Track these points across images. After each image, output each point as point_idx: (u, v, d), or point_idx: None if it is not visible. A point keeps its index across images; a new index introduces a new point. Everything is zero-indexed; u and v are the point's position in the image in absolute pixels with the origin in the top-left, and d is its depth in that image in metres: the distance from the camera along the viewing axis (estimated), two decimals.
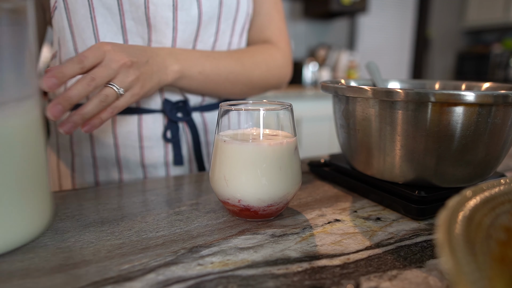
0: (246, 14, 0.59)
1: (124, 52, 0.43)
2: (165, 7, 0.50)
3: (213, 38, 0.57)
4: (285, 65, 0.63)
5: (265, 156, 0.36)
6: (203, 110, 0.62)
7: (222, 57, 0.55)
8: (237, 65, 0.56)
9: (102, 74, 0.41)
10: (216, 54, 0.55)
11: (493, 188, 0.23)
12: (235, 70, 0.56)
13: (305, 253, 0.32)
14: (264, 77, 0.60)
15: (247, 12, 0.59)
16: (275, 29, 0.62)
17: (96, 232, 0.36)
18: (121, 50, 0.43)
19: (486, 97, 0.34)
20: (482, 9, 3.67)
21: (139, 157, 0.58)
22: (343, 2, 2.32)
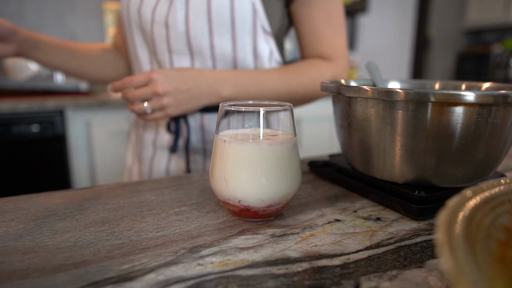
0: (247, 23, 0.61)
1: (166, 81, 0.55)
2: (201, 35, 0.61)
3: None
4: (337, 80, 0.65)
5: (265, 156, 0.36)
6: (203, 111, 0.66)
7: (270, 80, 0.60)
8: (282, 88, 0.61)
9: (135, 94, 0.56)
10: (264, 78, 0.60)
11: (493, 188, 0.23)
12: (280, 92, 0.61)
13: (305, 253, 0.32)
14: (310, 95, 0.65)
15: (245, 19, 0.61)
16: (327, 46, 0.65)
17: (96, 232, 0.36)
18: (164, 80, 0.55)
19: (486, 97, 0.34)
20: (482, 9, 3.67)
21: (153, 138, 0.73)
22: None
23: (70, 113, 1.50)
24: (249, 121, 0.37)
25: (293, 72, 0.63)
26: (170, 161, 0.71)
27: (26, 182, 1.47)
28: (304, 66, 0.64)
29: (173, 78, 0.55)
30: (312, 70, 0.64)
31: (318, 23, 0.64)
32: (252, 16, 0.60)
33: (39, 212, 0.40)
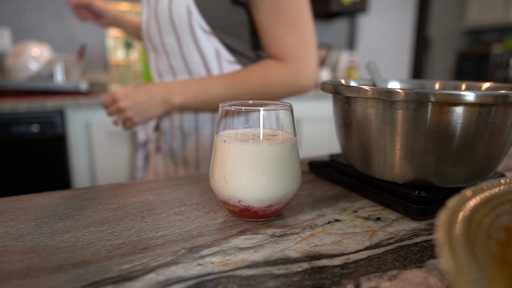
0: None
1: (125, 98, 0.65)
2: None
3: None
4: (290, 80, 0.65)
5: (265, 156, 0.36)
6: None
7: (217, 87, 0.65)
8: (229, 93, 0.65)
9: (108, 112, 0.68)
10: (212, 85, 0.65)
11: (493, 188, 0.23)
12: (226, 97, 0.65)
13: (305, 253, 0.32)
14: (261, 97, 0.66)
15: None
16: (278, 45, 0.64)
17: (96, 232, 0.36)
18: (123, 97, 0.65)
19: (486, 97, 0.34)
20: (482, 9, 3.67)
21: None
22: (343, 2, 2.32)
23: (70, 113, 1.50)
24: (249, 121, 0.37)
25: (240, 77, 0.65)
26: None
27: (26, 182, 1.47)
28: (253, 69, 0.66)
29: (131, 94, 0.66)
30: (260, 73, 0.65)
31: (266, 22, 0.64)
32: (187, 17, 0.65)
33: (39, 212, 0.40)
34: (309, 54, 0.65)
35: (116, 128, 1.60)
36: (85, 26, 1.96)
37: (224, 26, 0.67)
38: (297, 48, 0.64)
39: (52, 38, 1.90)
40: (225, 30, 0.68)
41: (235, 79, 0.65)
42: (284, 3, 0.62)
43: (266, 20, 0.64)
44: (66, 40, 1.93)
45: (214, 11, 0.65)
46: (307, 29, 0.65)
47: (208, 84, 0.65)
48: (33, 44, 1.62)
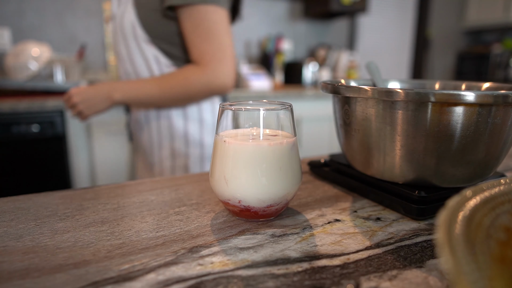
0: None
1: (77, 95, 0.80)
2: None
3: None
4: (205, 81, 0.77)
5: (265, 156, 0.36)
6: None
7: (148, 86, 0.79)
8: (155, 92, 0.78)
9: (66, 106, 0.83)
10: (144, 85, 0.79)
11: (493, 188, 0.23)
12: (154, 95, 0.79)
13: (305, 253, 0.32)
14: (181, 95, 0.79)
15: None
16: (196, 52, 0.77)
17: (96, 232, 0.36)
18: (76, 94, 0.81)
19: (486, 97, 0.34)
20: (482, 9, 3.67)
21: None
22: (343, 2, 2.32)
23: (70, 113, 1.50)
24: (249, 121, 0.37)
25: (166, 79, 0.79)
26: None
27: (26, 182, 1.47)
28: (176, 73, 0.79)
29: (82, 91, 0.81)
30: (180, 76, 0.78)
31: (188, 32, 0.76)
32: (132, 30, 0.80)
33: (39, 212, 0.40)
34: (223, 60, 0.77)
35: (116, 128, 1.61)
36: (85, 26, 1.96)
37: (160, 36, 0.81)
38: (211, 54, 0.76)
39: (52, 38, 1.90)
40: (162, 39, 0.81)
41: (162, 80, 0.79)
42: (201, 18, 0.75)
43: (187, 31, 0.76)
44: (66, 40, 1.93)
45: (151, 24, 0.79)
46: (221, 39, 0.77)
47: (142, 84, 0.80)
48: (33, 44, 1.62)
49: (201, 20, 0.75)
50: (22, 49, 1.59)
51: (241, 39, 2.42)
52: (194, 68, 0.78)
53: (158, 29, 0.80)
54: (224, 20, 0.77)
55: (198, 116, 0.87)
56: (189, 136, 0.87)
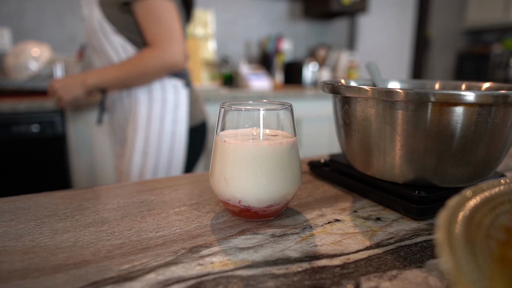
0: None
1: (58, 83, 0.98)
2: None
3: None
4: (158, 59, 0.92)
5: (265, 156, 0.36)
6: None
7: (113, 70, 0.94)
8: (120, 73, 0.94)
9: (49, 93, 1.00)
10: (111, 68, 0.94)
11: (493, 188, 0.23)
12: (119, 77, 0.94)
13: (305, 253, 0.32)
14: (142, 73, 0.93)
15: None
16: (149, 36, 0.92)
17: (96, 232, 0.36)
18: (56, 81, 0.99)
19: (486, 97, 0.34)
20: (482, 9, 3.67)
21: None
22: (343, 2, 2.32)
23: (70, 113, 1.50)
24: (249, 121, 0.37)
25: (127, 62, 0.93)
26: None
27: (26, 182, 1.47)
28: (135, 55, 0.93)
29: (61, 79, 0.99)
30: (138, 57, 0.93)
31: (141, 20, 0.91)
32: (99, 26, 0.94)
33: (39, 212, 0.40)
34: (172, 39, 0.91)
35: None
36: None
37: (123, 26, 0.94)
38: (161, 36, 0.91)
39: (52, 38, 1.90)
40: (125, 29, 0.95)
41: (124, 63, 0.93)
42: (151, 8, 0.90)
43: (141, 20, 0.91)
44: (66, 40, 1.93)
45: (114, 17, 0.93)
46: (169, 23, 0.91)
47: (109, 69, 0.95)
48: (33, 44, 1.62)
49: (151, 9, 0.90)
50: (22, 49, 1.59)
51: (241, 39, 2.42)
52: (148, 49, 0.92)
53: (120, 21, 0.94)
54: (172, 9, 0.92)
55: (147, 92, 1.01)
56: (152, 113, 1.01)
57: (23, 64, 1.57)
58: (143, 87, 0.99)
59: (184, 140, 1.03)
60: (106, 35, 0.94)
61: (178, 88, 1.02)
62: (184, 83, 1.04)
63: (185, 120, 1.03)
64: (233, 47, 2.40)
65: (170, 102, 1.00)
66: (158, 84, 0.99)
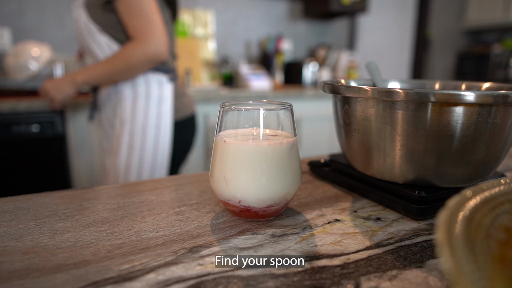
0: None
1: (49, 84, 1.02)
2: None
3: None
4: (141, 51, 0.95)
5: (265, 156, 0.36)
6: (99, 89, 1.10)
7: (100, 66, 0.97)
8: (106, 69, 0.97)
9: (41, 95, 1.04)
10: (98, 65, 0.98)
11: (493, 188, 0.23)
12: (106, 72, 0.97)
13: (305, 253, 0.32)
14: (126, 67, 0.96)
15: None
16: (131, 30, 0.95)
17: (96, 232, 0.36)
18: (48, 82, 1.03)
19: (486, 97, 0.34)
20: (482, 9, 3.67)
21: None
22: (343, 2, 2.32)
23: (70, 113, 1.50)
24: (249, 121, 0.37)
25: (113, 57, 0.96)
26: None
27: (26, 182, 1.47)
28: (120, 50, 0.96)
29: (51, 80, 1.03)
30: (122, 51, 0.96)
31: (123, 16, 0.95)
32: (85, 27, 0.98)
33: (39, 212, 0.40)
34: (153, 32, 0.95)
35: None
36: None
37: (107, 25, 0.98)
38: (142, 29, 0.94)
39: (52, 38, 1.90)
40: (109, 28, 0.98)
41: (109, 59, 0.97)
42: (132, 4, 0.93)
43: (122, 16, 0.95)
44: (66, 40, 1.93)
45: (97, 17, 0.98)
46: (150, 17, 0.94)
47: (97, 66, 0.98)
48: (33, 44, 1.62)
49: (131, 5, 0.94)
50: (22, 49, 1.59)
51: (241, 39, 2.42)
52: (131, 43, 0.96)
53: (104, 20, 0.98)
54: (152, 4, 0.95)
55: (131, 87, 1.05)
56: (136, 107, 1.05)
57: (23, 64, 1.57)
58: (127, 83, 1.02)
59: (169, 134, 1.05)
60: (92, 35, 0.99)
61: (162, 83, 1.05)
62: (168, 77, 1.07)
63: (169, 114, 1.04)
64: (233, 47, 2.40)
65: (154, 96, 1.03)
66: (142, 79, 1.02)
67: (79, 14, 1.00)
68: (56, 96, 1.01)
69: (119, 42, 1.00)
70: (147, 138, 1.03)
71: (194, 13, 2.16)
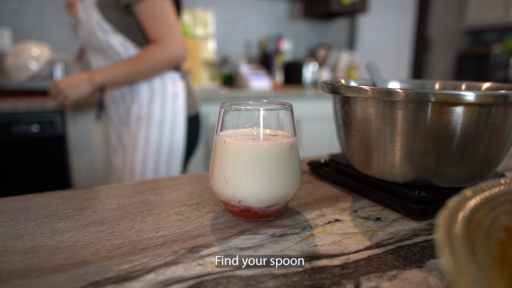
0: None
1: (63, 83, 1.01)
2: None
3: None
4: (165, 54, 0.99)
5: (265, 156, 0.36)
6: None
7: (120, 67, 0.99)
8: (129, 70, 0.99)
9: (52, 94, 1.04)
10: (117, 66, 1.00)
11: (493, 188, 0.23)
12: (126, 73, 1.00)
13: (305, 253, 0.32)
14: (149, 68, 1.00)
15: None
16: (153, 33, 0.99)
17: (96, 232, 0.36)
18: (62, 80, 1.02)
19: (486, 97, 0.34)
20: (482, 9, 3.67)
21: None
22: (343, 2, 2.32)
23: (70, 113, 1.50)
24: (249, 121, 0.37)
25: (134, 58, 0.99)
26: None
27: (26, 182, 1.47)
28: (141, 52, 1.00)
29: (66, 78, 1.02)
30: (144, 53, 0.99)
31: (143, 19, 0.98)
32: (98, 27, 0.99)
33: (39, 212, 0.40)
34: (174, 36, 0.99)
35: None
36: None
37: (122, 26, 1.00)
38: (164, 33, 0.99)
39: (52, 38, 1.90)
40: (124, 29, 1.01)
41: (131, 61, 1.00)
42: (152, 8, 0.97)
43: (144, 20, 0.98)
44: (66, 40, 1.93)
45: (113, 18, 1.00)
46: (170, 22, 0.99)
47: (116, 67, 1.00)
48: (33, 44, 1.62)
49: (153, 9, 0.97)
50: (22, 49, 1.59)
51: (241, 39, 2.42)
52: (153, 46, 0.99)
53: (119, 21, 1.00)
54: (170, 9, 1.00)
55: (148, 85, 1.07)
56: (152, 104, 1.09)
57: (23, 64, 1.57)
58: (144, 81, 1.04)
59: (183, 129, 1.09)
60: (105, 34, 1.00)
61: (176, 80, 1.08)
62: (181, 75, 1.11)
63: (183, 110, 1.09)
64: (233, 47, 2.40)
65: (169, 93, 1.07)
66: (157, 77, 1.05)
67: (89, 13, 1.00)
68: (70, 94, 1.01)
69: (135, 43, 1.02)
70: (164, 134, 1.06)
71: (194, 13, 2.16)
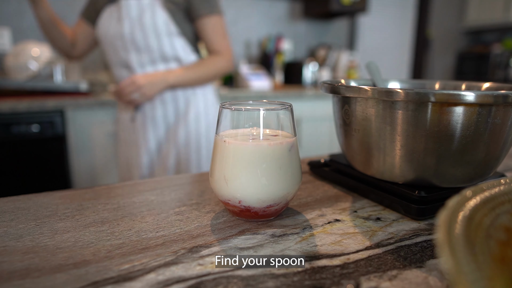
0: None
1: (143, 80, 1.03)
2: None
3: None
4: (225, 65, 1.14)
5: (265, 156, 0.36)
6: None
7: (190, 71, 1.10)
8: (198, 75, 1.11)
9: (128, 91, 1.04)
10: (186, 70, 1.10)
11: (493, 188, 0.23)
12: (196, 77, 1.11)
13: (305, 253, 0.32)
14: (212, 75, 1.14)
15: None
16: (217, 45, 1.13)
17: (96, 232, 0.36)
18: (140, 77, 1.04)
19: (486, 97, 0.34)
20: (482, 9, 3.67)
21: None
22: (343, 2, 2.32)
23: (70, 113, 1.50)
24: (249, 121, 0.37)
25: (201, 65, 1.12)
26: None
27: (26, 182, 1.47)
28: (207, 59, 1.14)
29: (144, 76, 1.05)
30: (210, 61, 1.13)
31: (208, 31, 1.11)
32: (165, 27, 1.06)
33: (39, 212, 0.40)
34: (230, 50, 1.15)
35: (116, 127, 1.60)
36: None
37: (184, 30, 1.10)
38: (225, 46, 1.14)
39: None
40: (185, 33, 1.11)
41: (201, 66, 1.12)
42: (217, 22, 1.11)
43: (209, 31, 1.11)
44: None
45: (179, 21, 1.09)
46: (227, 37, 1.15)
47: (188, 70, 1.10)
48: (33, 44, 1.62)
49: (217, 24, 1.11)
50: (22, 49, 1.59)
51: (241, 39, 2.42)
52: (219, 57, 1.13)
53: (183, 25, 1.10)
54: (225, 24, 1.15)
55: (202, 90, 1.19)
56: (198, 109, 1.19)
57: (23, 64, 1.57)
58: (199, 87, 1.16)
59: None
60: (170, 36, 1.08)
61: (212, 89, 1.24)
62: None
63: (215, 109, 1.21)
64: (233, 47, 2.39)
65: (212, 100, 1.21)
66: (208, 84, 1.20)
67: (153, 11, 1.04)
68: (148, 92, 1.04)
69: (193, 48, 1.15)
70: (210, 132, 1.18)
71: None
